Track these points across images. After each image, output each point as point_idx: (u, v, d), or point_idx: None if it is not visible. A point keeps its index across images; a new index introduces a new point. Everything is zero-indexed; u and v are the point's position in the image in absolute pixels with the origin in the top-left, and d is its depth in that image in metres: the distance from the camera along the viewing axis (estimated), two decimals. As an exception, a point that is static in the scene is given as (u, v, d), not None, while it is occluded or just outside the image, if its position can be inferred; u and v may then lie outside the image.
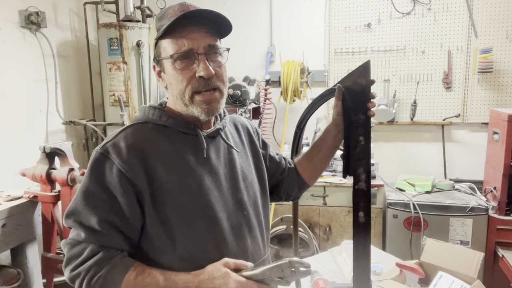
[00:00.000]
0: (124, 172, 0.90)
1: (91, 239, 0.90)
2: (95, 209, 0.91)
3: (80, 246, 0.91)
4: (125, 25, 2.91)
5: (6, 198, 2.03)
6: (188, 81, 0.95)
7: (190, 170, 0.97)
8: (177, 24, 0.92)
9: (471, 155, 3.17)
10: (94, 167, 0.93)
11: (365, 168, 1.03)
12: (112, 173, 0.91)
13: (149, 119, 1.01)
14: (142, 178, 0.91)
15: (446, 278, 1.76)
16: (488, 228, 2.59)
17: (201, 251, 0.96)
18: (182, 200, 0.94)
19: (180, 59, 0.94)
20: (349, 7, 3.22)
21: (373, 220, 2.79)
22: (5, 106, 2.56)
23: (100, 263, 0.89)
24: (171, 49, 0.95)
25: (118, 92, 2.98)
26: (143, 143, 0.95)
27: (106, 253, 0.90)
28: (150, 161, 0.93)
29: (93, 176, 0.92)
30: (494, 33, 3.01)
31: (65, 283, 2.26)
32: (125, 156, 0.91)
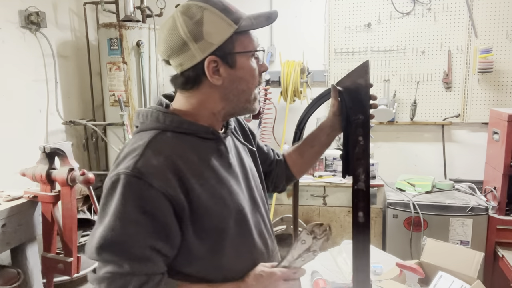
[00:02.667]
0: (163, 192, 0.83)
1: (136, 269, 0.83)
2: (137, 236, 0.82)
3: (122, 280, 0.83)
4: (125, 25, 2.91)
5: (6, 198, 2.03)
6: (257, 77, 0.97)
7: (219, 178, 0.93)
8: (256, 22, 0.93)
9: (471, 155, 3.17)
10: (128, 191, 0.82)
11: (365, 168, 1.03)
12: (150, 195, 0.82)
13: (167, 126, 0.91)
14: (180, 194, 0.85)
15: (446, 278, 1.76)
16: (488, 228, 2.59)
17: (236, 256, 0.95)
18: (218, 211, 0.91)
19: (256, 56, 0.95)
20: (349, 7, 3.22)
21: (373, 220, 2.79)
22: (5, 106, 2.56)
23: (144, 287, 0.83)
24: (251, 45, 0.93)
25: (118, 92, 2.98)
26: (174, 157, 0.87)
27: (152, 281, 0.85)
28: (184, 176, 0.86)
29: (129, 201, 0.82)
30: (494, 33, 3.01)
31: (65, 283, 2.27)
32: (160, 175, 0.83)
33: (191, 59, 0.89)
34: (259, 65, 0.97)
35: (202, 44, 0.88)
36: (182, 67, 0.90)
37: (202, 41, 0.88)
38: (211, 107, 0.94)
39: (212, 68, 0.89)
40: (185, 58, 0.89)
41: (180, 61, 0.90)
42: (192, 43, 0.88)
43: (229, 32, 0.89)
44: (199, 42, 0.88)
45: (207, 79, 0.91)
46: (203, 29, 0.87)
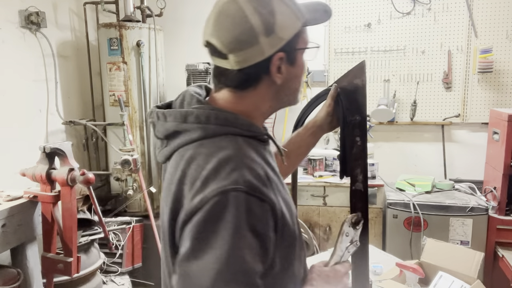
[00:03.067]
0: (272, 207, 0.72)
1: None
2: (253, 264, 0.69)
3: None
4: (125, 25, 2.91)
5: (6, 198, 2.03)
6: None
7: (281, 182, 0.84)
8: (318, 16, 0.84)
9: (471, 155, 3.17)
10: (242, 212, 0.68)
11: (362, 168, 1.02)
12: (262, 212, 0.70)
13: (238, 131, 0.78)
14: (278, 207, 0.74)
15: (446, 278, 1.76)
16: (488, 228, 2.59)
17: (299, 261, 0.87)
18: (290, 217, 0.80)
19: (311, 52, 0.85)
20: (349, 7, 3.22)
21: (373, 220, 2.79)
22: (5, 106, 2.56)
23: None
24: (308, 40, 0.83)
25: (118, 92, 2.98)
26: (264, 164, 0.77)
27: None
28: (275, 185, 0.77)
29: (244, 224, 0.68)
30: (494, 33, 3.01)
31: (65, 283, 2.27)
32: (267, 187, 0.72)
33: (259, 54, 0.76)
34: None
35: (273, 39, 0.76)
36: (245, 64, 0.77)
37: (273, 35, 0.76)
38: (262, 107, 0.84)
39: (277, 65, 0.79)
40: (252, 53, 0.76)
41: (245, 56, 0.76)
42: (262, 36, 0.75)
43: (298, 26, 0.79)
44: (270, 36, 0.76)
45: (266, 78, 0.80)
46: (276, 20, 0.76)
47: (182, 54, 3.42)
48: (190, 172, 0.74)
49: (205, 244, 0.67)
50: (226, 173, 0.70)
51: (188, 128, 0.78)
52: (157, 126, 0.84)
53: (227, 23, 0.76)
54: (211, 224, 0.67)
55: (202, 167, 0.72)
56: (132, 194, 2.91)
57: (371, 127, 3.08)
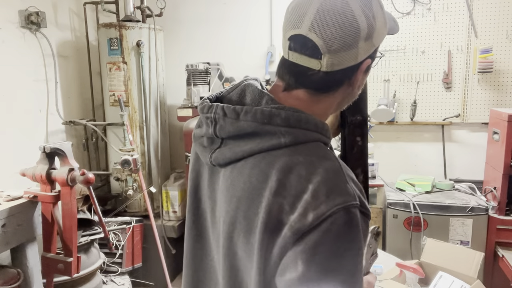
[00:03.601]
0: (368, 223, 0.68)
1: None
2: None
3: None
4: (125, 25, 2.91)
5: (6, 198, 2.03)
6: None
7: None
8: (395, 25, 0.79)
9: (471, 155, 3.17)
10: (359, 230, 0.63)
11: (363, 168, 1.01)
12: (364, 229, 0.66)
13: (325, 139, 0.72)
14: None
15: (446, 278, 1.76)
16: (488, 228, 2.59)
17: None
18: None
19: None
20: (349, 7, 3.22)
21: (373, 220, 2.79)
22: (5, 106, 2.56)
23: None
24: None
25: (118, 92, 2.98)
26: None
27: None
28: None
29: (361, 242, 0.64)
30: (494, 33, 3.01)
31: (65, 283, 2.27)
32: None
33: (353, 59, 0.69)
34: None
35: (369, 44, 0.69)
36: (338, 67, 0.69)
37: (370, 41, 0.69)
38: (330, 112, 0.78)
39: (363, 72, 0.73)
40: (347, 57, 0.68)
41: (340, 59, 0.68)
42: (363, 41, 0.68)
43: (385, 33, 0.73)
44: (368, 41, 0.69)
45: (347, 83, 0.73)
46: (376, 26, 0.69)
47: (182, 54, 3.42)
48: (291, 183, 0.65)
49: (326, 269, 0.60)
50: (339, 187, 0.64)
51: (274, 131, 0.68)
52: (222, 123, 0.72)
53: (334, 20, 0.66)
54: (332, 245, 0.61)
55: (307, 179, 0.64)
56: (132, 194, 2.91)
57: (371, 127, 3.08)
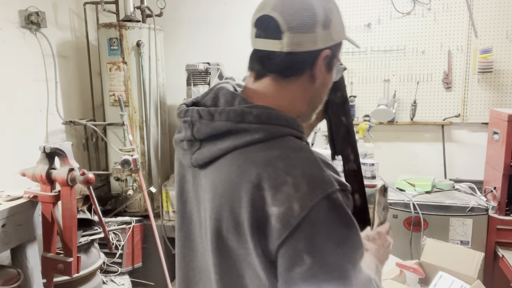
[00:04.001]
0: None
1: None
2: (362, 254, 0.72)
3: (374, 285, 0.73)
4: (125, 25, 2.91)
5: (6, 198, 2.03)
6: None
7: None
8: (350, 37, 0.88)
9: (471, 155, 3.17)
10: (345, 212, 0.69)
11: (352, 147, 1.02)
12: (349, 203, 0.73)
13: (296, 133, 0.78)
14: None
15: (446, 278, 1.77)
16: (488, 228, 2.59)
17: None
18: None
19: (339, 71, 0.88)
20: (349, 7, 3.22)
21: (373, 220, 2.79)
22: (5, 106, 2.56)
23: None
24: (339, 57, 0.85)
25: (118, 92, 2.98)
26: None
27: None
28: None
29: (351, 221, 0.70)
30: (494, 33, 3.01)
31: (65, 283, 2.27)
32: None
33: (312, 43, 0.76)
34: None
35: (327, 34, 0.77)
36: (297, 47, 0.75)
37: (328, 31, 0.77)
38: (299, 107, 0.83)
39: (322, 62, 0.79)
40: (306, 39, 0.75)
41: (300, 39, 0.75)
42: (320, 27, 0.76)
43: (344, 35, 0.83)
44: (325, 31, 0.77)
45: (309, 73, 0.79)
46: (332, 19, 0.78)
47: (182, 54, 3.42)
48: (270, 176, 0.69)
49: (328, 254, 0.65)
50: (317, 177, 0.69)
51: (247, 128, 0.73)
52: (198, 125, 0.78)
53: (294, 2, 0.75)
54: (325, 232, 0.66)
55: (286, 172, 0.68)
56: (132, 194, 2.91)
57: (371, 127, 3.08)
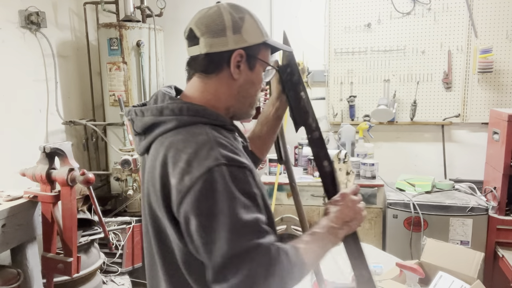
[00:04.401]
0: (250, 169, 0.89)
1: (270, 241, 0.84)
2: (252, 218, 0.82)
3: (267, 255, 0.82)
4: (125, 25, 2.91)
5: (6, 198, 2.03)
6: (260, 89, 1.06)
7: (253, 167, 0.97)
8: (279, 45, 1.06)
9: (471, 155, 3.17)
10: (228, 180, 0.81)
11: (313, 117, 1.14)
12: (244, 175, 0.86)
13: (206, 120, 0.93)
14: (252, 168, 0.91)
15: (446, 278, 1.76)
16: (488, 228, 2.59)
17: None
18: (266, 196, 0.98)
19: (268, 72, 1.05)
20: (349, 7, 3.22)
21: (373, 220, 2.79)
22: (5, 106, 2.56)
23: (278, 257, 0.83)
24: (268, 59, 1.03)
25: (118, 92, 2.98)
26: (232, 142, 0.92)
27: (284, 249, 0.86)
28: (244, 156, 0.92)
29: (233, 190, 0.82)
30: (494, 33, 3.01)
31: (65, 283, 2.27)
32: (242, 155, 0.89)
33: (223, 44, 0.94)
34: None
35: (238, 37, 0.95)
36: (211, 49, 0.94)
37: (239, 35, 0.95)
38: (225, 100, 0.99)
39: (237, 61, 0.96)
40: (218, 42, 0.94)
41: (212, 42, 0.94)
42: (230, 31, 0.94)
43: (261, 39, 0.99)
44: (236, 35, 0.95)
45: (227, 70, 0.96)
46: (243, 26, 0.96)
47: (182, 54, 3.41)
48: (171, 155, 0.86)
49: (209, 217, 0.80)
50: (205, 154, 0.84)
51: (164, 120, 0.92)
52: (136, 121, 0.97)
53: (206, 14, 0.97)
54: (206, 199, 0.80)
55: (182, 151, 0.85)
56: (132, 194, 2.91)
57: (371, 127, 3.08)
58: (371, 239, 2.76)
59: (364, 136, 3.10)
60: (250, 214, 0.82)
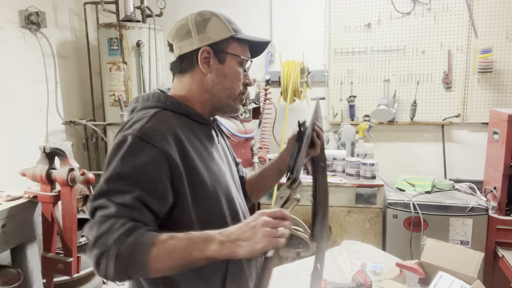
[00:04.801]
0: (164, 152, 0.94)
1: (123, 213, 0.88)
2: (131, 189, 0.91)
3: (110, 221, 0.87)
4: (125, 25, 2.91)
5: (6, 198, 2.03)
6: (240, 82, 1.11)
7: (210, 155, 1.07)
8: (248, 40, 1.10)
9: (471, 155, 3.17)
10: (131, 150, 0.93)
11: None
12: (151, 155, 0.93)
13: (167, 106, 1.05)
14: (178, 159, 0.96)
15: (446, 278, 1.76)
16: (488, 228, 2.59)
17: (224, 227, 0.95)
18: (211, 183, 1.02)
19: (242, 64, 1.10)
20: (349, 7, 3.22)
21: (373, 220, 2.79)
22: (5, 106, 2.56)
23: (129, 233, 0.86)
24: (241, 52, 1.09)
25: (118, 92, 2.98)
26: (176, 128, 1.00)
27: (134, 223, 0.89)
28: (183, 145, 0.99)
29: (129, 159, 0.92)
30: (494, 33, 3.01)
31: (65, 283, 2.27)
32: (163, 137, 0.96)
33: (190, 45, 1.05)
34: (244, 75, 1.11)
35: (202, 36, 1.05)
36: (181, 51, 1.06)
37: (203, 34, 1.05)
38: (200, 95, 1.09)
39: (204, 57, 1.05)
40: (185, 44, 1.06)
41: (181, 45, 1.06)
42: (194, 33, 1.05)
43: (226, 34, 1.06)
44: (201, 34, 1.05)
45: (198, 67, 1.06)
46: (207, 25, 1.05)
47: (182, 54, 3.42)
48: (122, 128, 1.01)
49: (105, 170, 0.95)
50: (132, 124, 0.98)
51: (136, 105, 1.08)
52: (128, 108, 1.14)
53: (176, 26, 1.09)
54: (111, 157, 0.95)
55: (125, 124, 1.01)
56: (132, 194, 2.91)
57: (371, 127, 3.08)
58: (371, 239, 2.76)
59: (364, 136, 3.10)
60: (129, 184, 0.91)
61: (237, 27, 1.10)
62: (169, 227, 0.95)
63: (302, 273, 1.88)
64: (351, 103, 3.26)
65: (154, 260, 0.85)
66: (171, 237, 0.88)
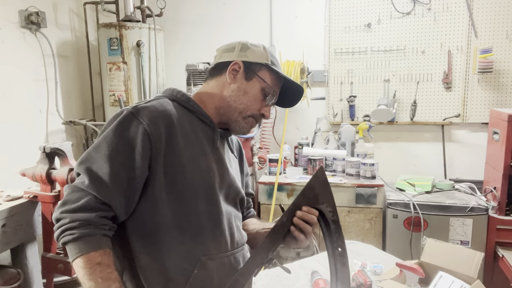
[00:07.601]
0: (149, 134, 0.99)
1: (93, 189, 0.95)
2: (111, 161, 0.97)
3: (80, 193, 0.95)
4: (125, 25, 2.91)
5: (6, 198, 2.03)
6: (257, 107, 1.16)
7: (203, 152, 1.09)
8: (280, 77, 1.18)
9: (471, 155, 3.17)
10: (122, 123, 1.01)
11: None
12: (137, 132, 0.99)
13: (175, 98, 1.13)
14: (163, 144, 1.01)
15: (446, 278, 1.76)
16: (488, 228, 2.59)
17: (199, 228, 1.06)
18: (192, 176, 1.05)
19: (265, 92, 1.16)
20: (349, 7, 3.22)
21: (373, 220, 2.79)
22: (5, 106, 2.56)
23: (86, 224, 0.93)
24: (268, 80, 1.16)
25: (118, 92, 2.98)
26: (172, 114, 1.06)
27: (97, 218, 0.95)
28: (173, 132, 1.04)
29: (118, 131, 1.00)
30: (494, 33, 3.01)
31: (65, 283, 2.27)
32: (153, 120, 1.01)
33: (228, 57, 1.17)
34: (262, 103, 1.17)
35: (242, 54, 1.16)
36: (220, 59, 1.18)
37: (243, 53, 1.16)
38: (217, 100, 1.16)
39: (234, 69, 1.14)
40: (226, 55, 1.17)
41: (222, 55, 1.18)
42: (237, 50, 1.17)
43: (262, 60, 1.16)
44: (242, 52, 1.16)
45: (225, 75, 1.15)
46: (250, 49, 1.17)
47: (182, 54, 3.43)
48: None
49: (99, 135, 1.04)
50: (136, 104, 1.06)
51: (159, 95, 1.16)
52: None
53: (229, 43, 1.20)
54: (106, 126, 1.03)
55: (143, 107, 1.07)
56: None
57: (371, 127, 3.08)
58: (371, 239, 2.76)
59: (364, 136, 3.10)
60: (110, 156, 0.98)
61: (277, 63, 1.19)
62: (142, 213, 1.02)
63: (302, 273, 1.89)
64: (351, 103, 3.26)
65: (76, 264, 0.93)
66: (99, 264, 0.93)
